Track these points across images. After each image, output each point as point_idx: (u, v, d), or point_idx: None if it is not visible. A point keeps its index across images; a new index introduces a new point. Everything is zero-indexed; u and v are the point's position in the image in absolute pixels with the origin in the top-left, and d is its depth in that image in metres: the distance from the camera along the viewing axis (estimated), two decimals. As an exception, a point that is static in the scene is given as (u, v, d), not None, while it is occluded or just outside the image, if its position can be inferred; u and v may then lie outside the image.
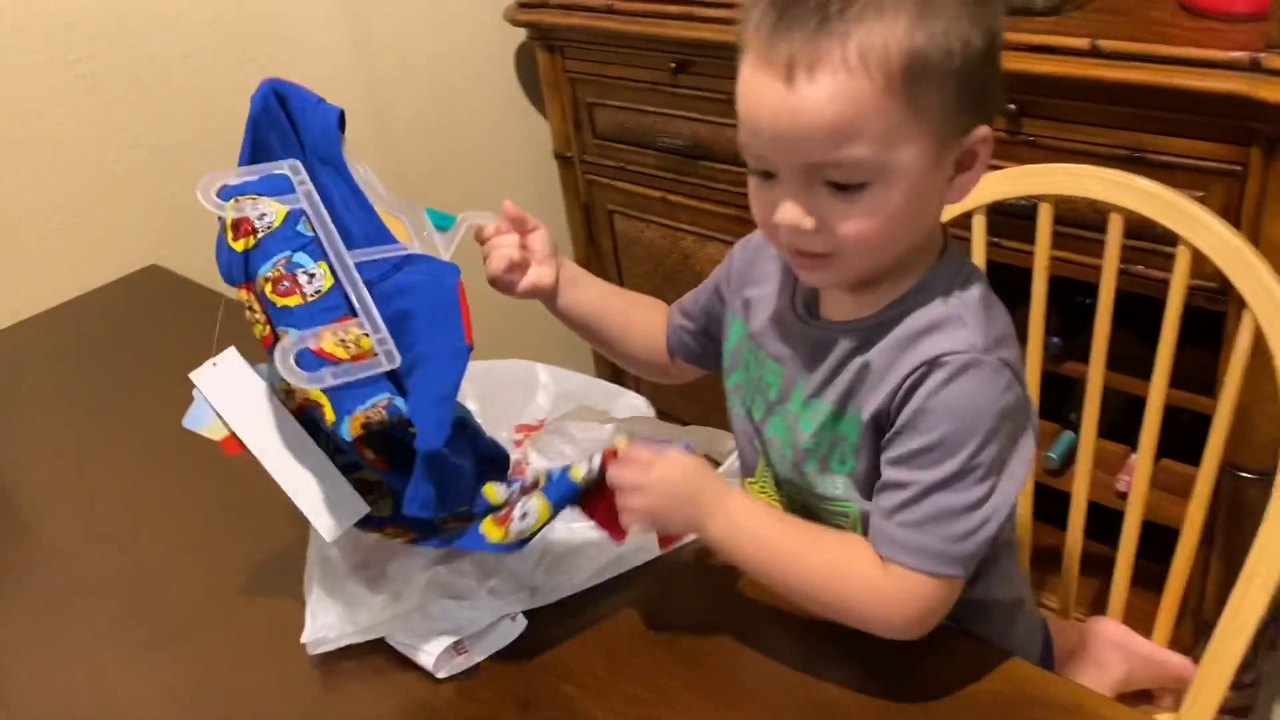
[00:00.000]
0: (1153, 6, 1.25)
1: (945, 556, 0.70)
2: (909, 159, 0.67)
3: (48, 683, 0.86)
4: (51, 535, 1.04)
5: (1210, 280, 1.16)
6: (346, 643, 0.80)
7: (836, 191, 0.67)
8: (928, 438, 0.69)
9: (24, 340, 1.40)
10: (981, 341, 0.70)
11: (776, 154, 0.68)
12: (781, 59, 0.65)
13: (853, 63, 0.63)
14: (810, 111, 0.64)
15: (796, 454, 0.79)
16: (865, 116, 0.64)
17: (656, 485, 0.75)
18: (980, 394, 0.69)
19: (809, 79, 0.64)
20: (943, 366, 0.69)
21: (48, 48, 1.43)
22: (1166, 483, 1.31)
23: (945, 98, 0.66)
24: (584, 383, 1.04)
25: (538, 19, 1.75)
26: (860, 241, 0.69)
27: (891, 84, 0.64)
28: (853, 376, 0.74)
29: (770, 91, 0.66)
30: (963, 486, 0.69)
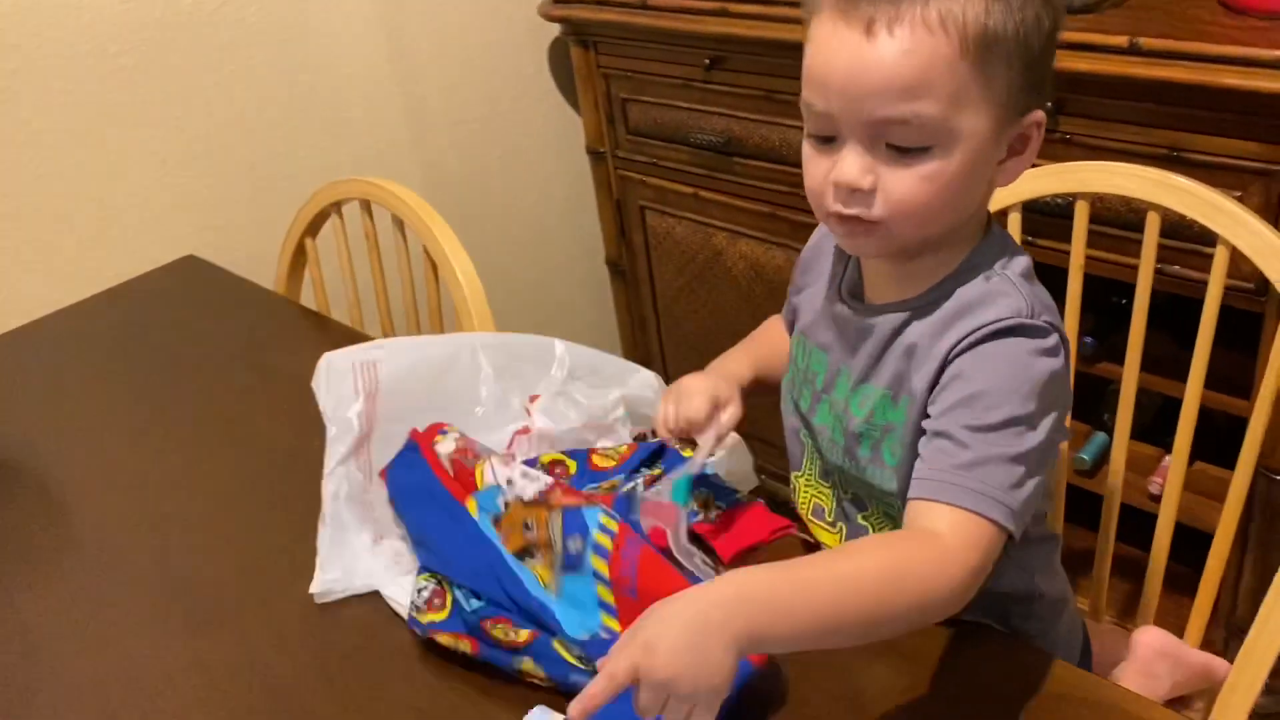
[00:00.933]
0: (1192, 4, 1.24)
1: (996, 502, 0.67)
2: (971, 126, 0.68)
3: (84, 666, 0.87)
4: (89, 520, 1.06)
5: (1248, 280, 1.15)
6: (349, 594, 0.89)
7: (896, 154, 0.69)
8: (972, 387, 0.70)
9: (63, 328, 1.42)
10: (1027, 308, 0.71)
11: (845, 108, 0.68)
12: (863, 15, 0.67)
13: (932, 23, 0.66)
14: (887, 63, 0.66)
15: (848, 439, 0.79)
16: (939, 74, 0.66)
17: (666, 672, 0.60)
18: (1026, 351, 0.70)
19: (889, 33, 0.66)
20: (990, 331, 0.70)
21: (89, 40, 1.45)
22: (1200, 486, 1.29)
23: (1012, 74, 0.68)
24: (599, 358, 1.06)
25: (572, 14, 1.75)
26: (912, 207, 0.70)
27: (966, 48, 0.66)
28: (900, 358, 0.75)
29: (847, 44, 0.67)
30: (1007, 437, 0.69)
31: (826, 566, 0.66)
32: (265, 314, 1.41)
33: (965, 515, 0.67)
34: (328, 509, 0.93)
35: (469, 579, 0.83)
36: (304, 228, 1.46)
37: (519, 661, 0.78)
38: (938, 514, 0.67)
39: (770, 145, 1.60)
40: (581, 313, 2.15)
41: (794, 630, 0.62)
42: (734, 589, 0.62)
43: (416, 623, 0.83)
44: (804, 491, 0.88)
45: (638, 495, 0.87)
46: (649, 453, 0.97)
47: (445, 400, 1.02)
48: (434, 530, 0.87)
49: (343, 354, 1.02)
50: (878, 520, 0.82)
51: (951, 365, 0.71)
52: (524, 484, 0.88)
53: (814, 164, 0.73)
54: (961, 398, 0.70)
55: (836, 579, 0.64)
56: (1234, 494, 0.97)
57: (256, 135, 1.63)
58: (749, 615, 0.61)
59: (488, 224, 1.94)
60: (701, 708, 0.60)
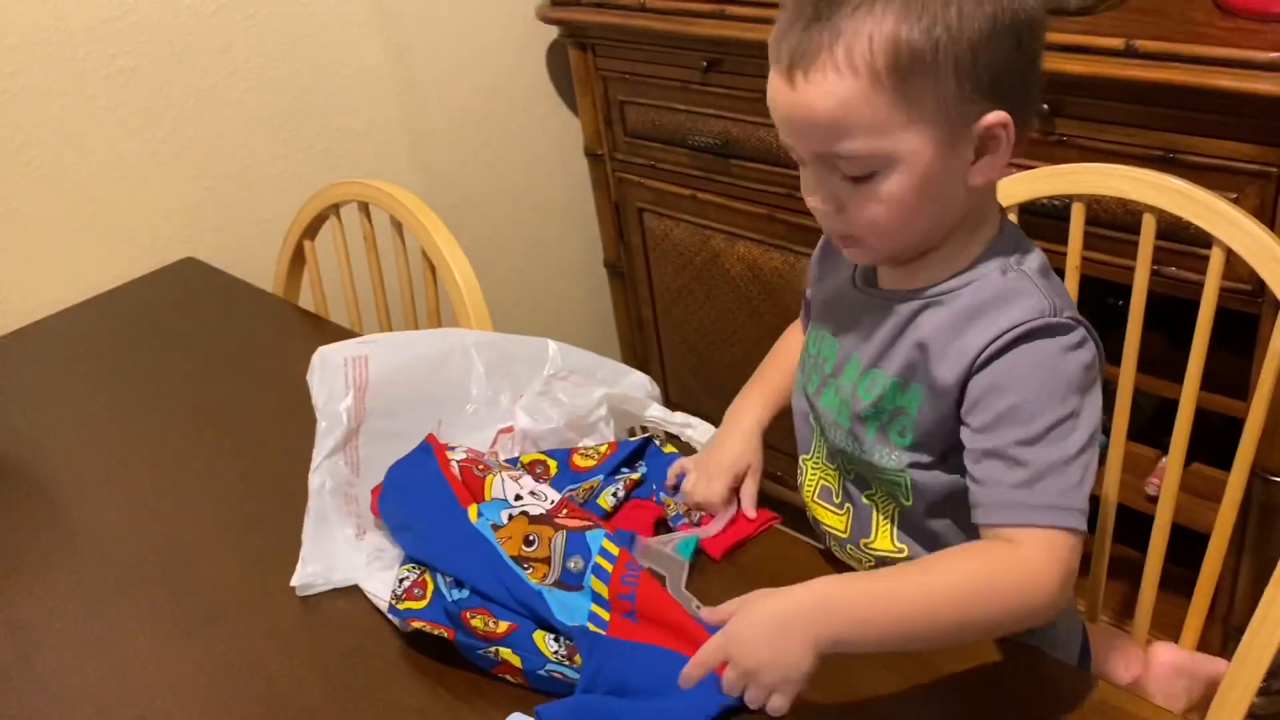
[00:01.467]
0: (1188, 7, 1.24)
1: (1067, 509, 0.69)
2: (910, 148, 0.69)
3: (85, 664, 0.87)
4: (89, 521, 1.06)
5: (1244, 282, 1.15)
6: (329, 588, 0.90)
7: (851, 179, 0.71)
8: (1015, 398, 0.70)
9: (63, 329, 1.42)
10: (1050, 305, 0.71)
11: (794, 144, 0.73)
12: (784, 58, 0.69)
13: (840, 63, 0.67)
14: (806, 108, 0.69)
15: (853, 422, 0.80)
16: (856, 113, 0.68)
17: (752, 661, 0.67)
18: (1056, 352, 0.71)
19: (804, 78, 0.68)
20: (1019, 334, 0.70)
21: (88, 42, 1.45)
22: (1197, 487, 1.29)
23: (943, 87, 0.67)
24: (591, 360, 1.07)
25: (570, 17, 1.76)
26: (874, 226, 0.73)
27: (879, 80, 0.67)
28: (912, 349, 0.75)
29: (777, 89, 0.71)
30: (1056, 442, 0.69)
31: (912, 579, 0.69)
32: (264, 316, 1.42)
33: (1039, 532, 0.68)
34: (312, 502, 0.94)
35: (456, 566, 0.83)
36: (302, 230, 1.46)
37: (496, 650, 0.78)
38: (1011, 535, 0.69)
39: (768, 147, 1.60)
40: (580, 314, 2.15)
41: (876, 637, 0.68)
42: (815, 598, 0.68)
43: (396, 610, 0.83)
44: (811, 474, 0.89)
45: (643, 543, 0.87)
46: (629, 451, 0.97)
47: (436, 397, 1.02)
48: (426, 519, 0.88)
49: (336, 348, 1.03)
50: (881, 499, 0.82)
51: (982, 375, 0.71)
52: (532, 501, 0.89)
53: (801, 183, 0.76)
54: (1002, 412, 0.70)
55: (921, 592, 0.68)
56: (1230, 495, 0.97)
57: (255, 138, 1.64)
58: (829, 623, 0.67)
59: (486, 226, 1.95)
60: (778, 694, 0.67)
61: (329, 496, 0.95)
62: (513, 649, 0.77)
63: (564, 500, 0.90)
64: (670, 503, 0.93)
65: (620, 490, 0.94)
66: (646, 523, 0.91)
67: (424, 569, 0.85)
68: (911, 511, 0.80)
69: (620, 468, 0.97)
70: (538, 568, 0.83)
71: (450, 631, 0.79)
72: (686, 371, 1.98)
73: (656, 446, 1.00)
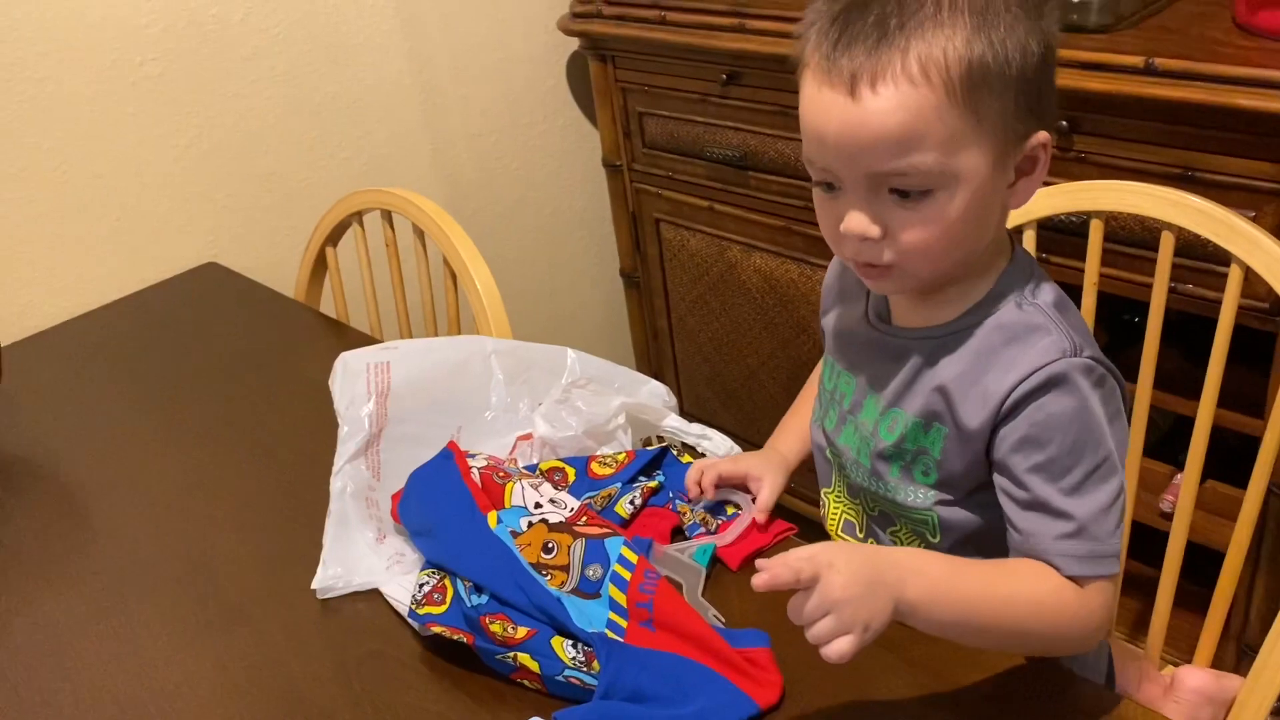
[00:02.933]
0: (1208, 25, 1.24)
1: (1111, 557, 0.71)
2: (971, 165, 0.68)
3: (108, 663, 0.88)
4: (112, 522, 1.07)
5: (1262, 300, 1.15)
6: (349, 591, 0.91)
7: (900, 199, 0.69)
8: (1052, 450, 0.70)
9: (86, 333, 1.44)
10: (1070, 344, 0.72)
11: (842, 165, 0.69)
12: (844, 74, 0.66)
13: (914, 74, 0.65)
14: (875, 122, 0.66)
15: (874, 461, 0.80)
16: (928, 124, 0.66)
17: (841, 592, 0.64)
18: (1087, 395, 0.71)
19: (872, 91, 0.66)
20: (1043, 379, 0.70)
21: (116, 49, 1.47)
22: (1212, 504, 1.29)
23: (1005, 104, 0.68)
24: (609, 369, 1.08)
25: (590, 29, 1.77)
26: (923, 248, 0.70)
27: (953, 92, 0.66)
28: (932, 392, 0.75)
29: (835, 105, 0.67)
30: (1099, 482, 0.71)
31: (990, 576, 0.70)
32: (285, 321, 1.43)
33: (1096, 582, 0.70)
34: (334, 506, 0.95)
35: (475, 571, 0.84)
36: (325, 236, 1.48)
37: (514, 655, 0.79)
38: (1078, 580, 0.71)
39: (785, 160, 1.61)
40: (596, 323, 2.16)
41: (943, 618, 0.68)
42: (912, 560, 0.69)
43: (415, 615, 0.84)
44: (834, 507, 0.89)
45: (659, 549, 0.88)
46: (647, 460, 0.98)
47: (455, 403, 1.03)
48: (447, 525, 0.88)
49: (358, 354, 1.04)
50: (906, 536, 0.82)
51: (1012, 424, 0.71)
52: (551, 509, 0.89)
53: (824, 210, 0.74)
54: (1039, 464, 0.71)
55: (997, 592, 0.69)
56: (1246, 512, 0.97)
57: (279, 145, 1.65)
58: (917, 586, 0.66)
59: (505, 234, 1.96)
60: (850, 637, 0.63)
61: (350, 500, 0.96)
62: (531, 654, 0.78)
63: (583, 508, 0.91)
64: (687, 510, 0.94)
65: (638, 498, 0.94)
66: (663, 531, 0.92)
67: (444, 574, 0.86)
68: (938, 548, 0.80)
69: (638, 476, 0.97)
70: (556, 575, 0.83)
71: (469, 636, 0.80)
72: (701, 382, 1.99)
73: (674, 455, 1.00)
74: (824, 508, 0.90)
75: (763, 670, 0.76)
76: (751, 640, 0.78)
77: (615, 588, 0.81)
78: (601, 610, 0.81)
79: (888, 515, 0.83)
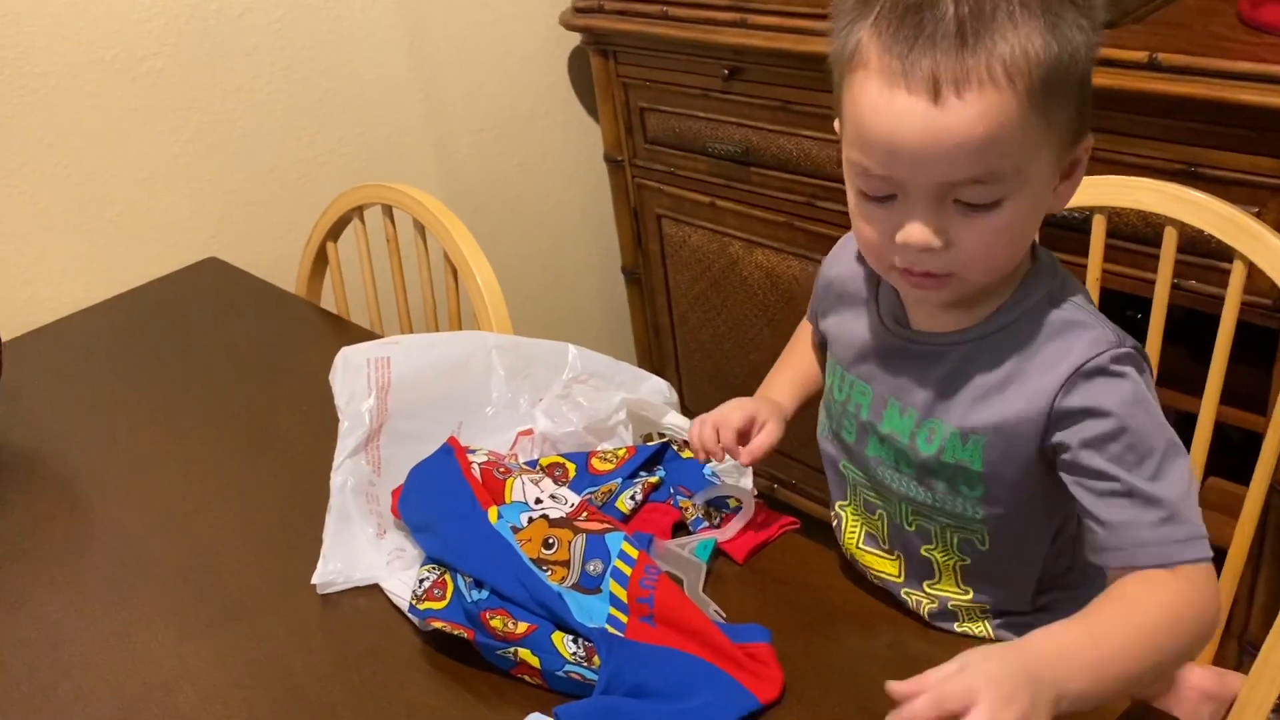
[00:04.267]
0: (1212, 21, 1.24)
1: (1197, 540, 0.69)
2: (1038, 168, 0.67)
3: (109, 658, 0.88)
4: (112, 517, 1.07)
5: (1265, 296, 1.15)
6: (349, 587, 0.91)
7: (966, 208, 0.67)
8: (1127, 439, 0.69)
9: (87, 327, 1.44)
10: (1114, 335, 0.71)
11: (914, 174, 0.66)
12: (923, 77, 0.63)
13: (999, 77, 0.62)
14: (961, 130, 0.63)
15: (920, 472, 0.78)
16: (1010, 131, 0.64)
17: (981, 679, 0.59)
18: (1139, 381, 0.71)
19: (957, 97, 0.62)
20: (1096, 370, 0.70)
21: (116, 44, 1.47)
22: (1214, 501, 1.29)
23: (1069, 106, 0.67)
24: (610, 365, 1.08)
25: (592, 24, 1.77)
26: (987, 257, 0.69)
27: (1034, 95, 0.64)
28: (974, 395, 0.74)
29: (914, 112, 0.63)
30: (1174, 461, 0.70)
31: (1123, 622, 0.66)
32: (286, 316, 1.43)
33: (1190, 567, 0.68)
34: (334, 500, 0.95)
35: (475, 567, 0.84)
36: (326, 232, 1.48)
37: (515, 650, 0.79)
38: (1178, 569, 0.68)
39: (787, 156, 1.60)
40: (597, 319, 2.16)
41: (1104, 691, 0.64)
42: (1052, 645, 0.63)
43: (415, 610, 0.84)
44: (851, 521, 0.87)
45: (660, 544, 0.88)
46: (648, 455, 0.98)
47: (456, 399, 1.03)
48: (447, 520, 0.88)
49: (359, 349, 1.04)
50: (942, 551, 0.81)
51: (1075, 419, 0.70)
52: (552, 505, 0.89)
53: (871, 219, 0.70)
54: (1117, 454, 0.69)
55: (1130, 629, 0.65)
56: (1248, 510, 0.97)
57: (279, 140, 1.65)
58: (1075, 676, 0.62)
59: (506, 230, 1.96)
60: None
61: (350, 495, 0.95)
62: (532, 650, 0.78)
63: (583, 503, 0.90)
64: (688, 506, 0.94)
65: (638, 493, 0.94)
66: (664, 526, 0.92)
67: (444, 569, 0.86)
68: (983, 556, 0.79)
69: (638, 471, 0.97)
70: (557, 570, 0.83)
71: (470, 632, 0.80)
72: (702, 378, 1.98)
73: (674, 451, 1.00)
74: (840, 522, 0.88)
75: (764, 665, 0.76)
76: (752, 635, 0.77)
77: (616, 583, 0.81)
78: (602, 605, 0.81)
79: (925, 530, 0.80)
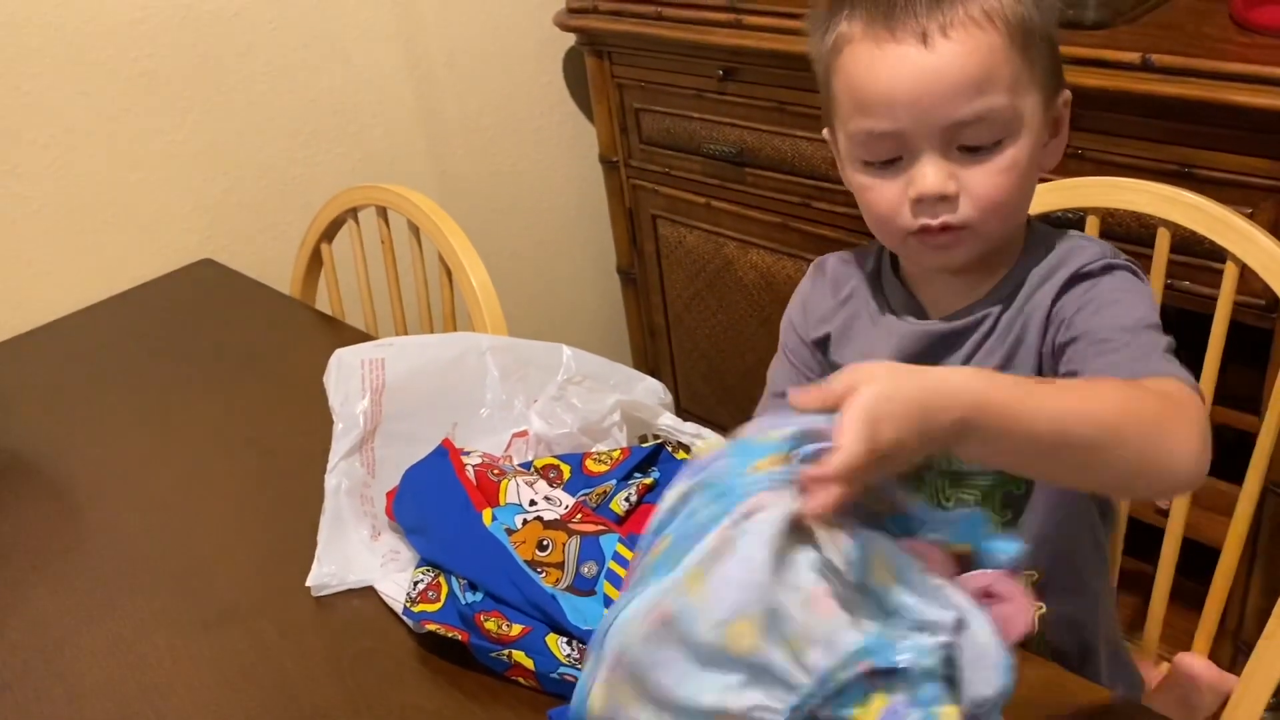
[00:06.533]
0: (1205, 22, 1.24)
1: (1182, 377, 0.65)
2: (1029, 109, 0.71)
3: (103, 661, 0.88)
4: (106, 519, 1.07)
5: (1258, 297, 1.15)
6: (344, 589, 0.91)
7: (970, 154, 0.71)
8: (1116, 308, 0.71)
9: (80, 329, 1.44)
10: (1108, 250, 0.75)
11: (914, 121, 0.70)
12: (912, 29, 0.69)
13: (979, 18, 0.69)
14: (954, 67, 0.68)
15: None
16: (998, 65, 0.69)
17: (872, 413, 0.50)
18: (1131, 283, 0.73)
19: (945, 38, 0.68)
20: (1086, 276, 0.73)
21: (110, 44, 1.47)
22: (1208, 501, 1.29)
23: (1045, 56, 0.72)
24: (605, 366, 1.07)
25: (587, 25, 1.77)
26: (999, 200, 0.72)
27: (1014, 35, 0.69)
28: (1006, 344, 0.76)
29: (906, 60, 0.69)
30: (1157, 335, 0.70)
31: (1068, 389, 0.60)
32: (280, 317, 1.43)
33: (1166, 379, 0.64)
34: (328, 503, 0.95)
35: (470, 569, 0.84)
36: (320, 233, 1.47)
37: (509, 653, 0.79)
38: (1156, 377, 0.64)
39: (782, 156, 1.60)
40: (592, 320, 2.16)
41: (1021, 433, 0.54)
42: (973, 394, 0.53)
43: (410, 612, 0.84)
44: None
45: None
46: (643, 457, 0.98)
47: (451, 400, 1.03)
48: (441, 522, 0.88)
49: (353, 350, 1.04)
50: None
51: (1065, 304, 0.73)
52: (546, 506, 0.89)
53: (880, 189, 0.73)
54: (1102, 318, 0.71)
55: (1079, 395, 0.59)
56: (1242, 509, 0.97)
57: (273, 141, 1.65)
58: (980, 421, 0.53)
59: (501, 231, 1.96)
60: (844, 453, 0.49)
61: (345, 497, 0.95)
62: (526, 652, 0.78)
63: (578, 505, 0.90)
64: None
65: (633, 495, 0.94)
66: None
67: (438, 571, 0.86)
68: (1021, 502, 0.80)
69: (633, 473, 0.97)
70: (551, 572, 0.83)
71: (464, 634, 0.80)
72: (698, 378, 1.98)
73: (669, 453, 1.00)
74: None
75: None
76: None
77: (610, 585, 0.81)
78: (596, 607, 0.81)
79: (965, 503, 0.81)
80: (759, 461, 0.53)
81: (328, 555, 0.93)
